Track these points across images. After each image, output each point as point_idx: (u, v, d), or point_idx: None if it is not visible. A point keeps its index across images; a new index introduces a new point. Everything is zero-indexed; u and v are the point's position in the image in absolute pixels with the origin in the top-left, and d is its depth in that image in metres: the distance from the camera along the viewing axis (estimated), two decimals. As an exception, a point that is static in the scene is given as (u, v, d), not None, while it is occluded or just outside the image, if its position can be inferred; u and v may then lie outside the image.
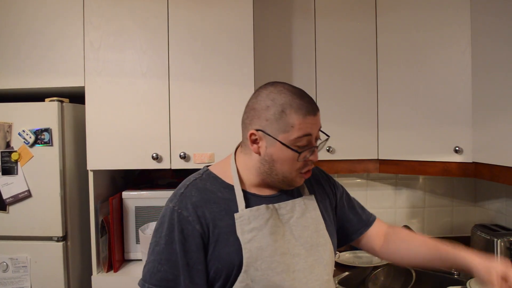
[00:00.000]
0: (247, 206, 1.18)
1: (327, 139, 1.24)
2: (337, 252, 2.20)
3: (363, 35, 2.17)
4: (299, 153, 1.14)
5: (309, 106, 1.15)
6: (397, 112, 2.12)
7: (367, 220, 1.42)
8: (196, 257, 1.13)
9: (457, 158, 1.93)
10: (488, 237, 2.01)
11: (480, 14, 1.81)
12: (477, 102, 1.86)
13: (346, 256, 2.25)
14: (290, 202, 1.24)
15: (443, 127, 1.98)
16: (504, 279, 1.14)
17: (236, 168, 1.24)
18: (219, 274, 1.13)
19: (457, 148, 1.92)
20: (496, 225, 2.15)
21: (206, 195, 1.18)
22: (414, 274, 2.03)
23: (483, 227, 2.13)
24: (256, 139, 1.17)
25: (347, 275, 2.08)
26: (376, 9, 2.17)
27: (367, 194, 2.49)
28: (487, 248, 2.00)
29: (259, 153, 1.18)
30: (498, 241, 1.95)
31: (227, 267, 1.13)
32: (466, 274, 1.87)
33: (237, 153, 1.27)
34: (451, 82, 1.95)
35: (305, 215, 1.24)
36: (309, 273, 1.18)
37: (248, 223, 1.15)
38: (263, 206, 1.18)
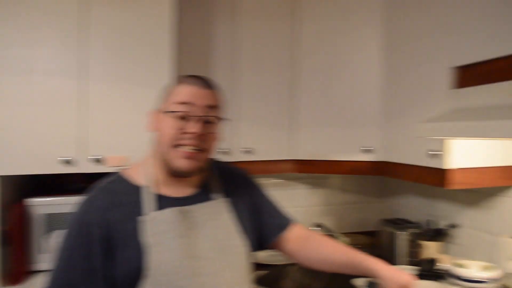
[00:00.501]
0: (156, 208, 1.15)
1: (226, 121, 1.22)
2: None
3: (282, 38, 2.23)
4: (174, 116, 1.12)
5: (197, 80, 1.16)
6: (313, 114, 2.20)
7: (284, 223, 1.43)
8: (98, 263, 1.08)
9: (367, 157, 2.05)
10: (392, 230, 2.16)
11: (390, 21, 1.94)
12: (385, 104, 1.99)
13: (263, 255, 2.29)
14: (202, 205, 1.22)
15: (354, 128, 2.09)
16: None
17: (148, 169, 1.20)
18: (123, 279, 1.09)
19: (366, 148, 2.04)
20: (400, 219, 2.31)
21: (113, 198, 1.14)
22: (327, 268, 2.12)
23: (388, 221, 2.28)
24: (154, 120, 1.18)
25: (265, 274, 2.12)
26: (295, 11, 2.24)
27: (282, 194, 2.54)
28: (392, 241, 2.15)
29: (153, 130, 1.18)
30: (400, 234, 2.11)
31: (131, 272, 1.09)
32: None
33: (150, 153, 1.24)
34: (363, 86, 2.07)
35: (218, 218, 1.22)
36: (219, 277, 1.16)
37: (155, 227, 1.12)
38: (171, 209, 1.16)
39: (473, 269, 1.34)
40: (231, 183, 1.34)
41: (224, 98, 1.23)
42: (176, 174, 1.18)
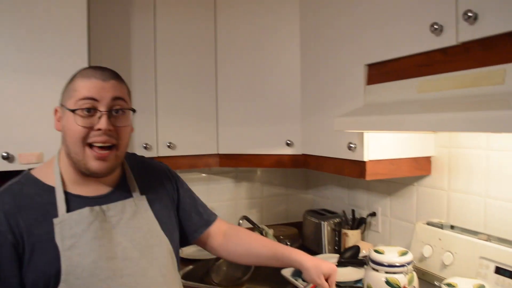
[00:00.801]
0: (69, 209, 1.08)
1: (133, 113, 1.16)
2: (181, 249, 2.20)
3: (203, 31, 2.20)
4: (80, 114, 1.06)
5: (98, 72, 1.10)
6: (235, 108, 2.20)
7: (208, 219, 1.42)
8: (9, 269, 1.01)
9: (289, 151, 2.09)
10: (317, 221, 2.22)
11: (308, 17, 1.98)
12: (304, 100, 2.03)
13: (190, 250, 2.27)
14: (119, 203, 1.16)
15: (276, 122, 2.11)
16: (327, 278, 1.33)
17: (58, 168, 1.13)
18: (36, 286, 1.03)
19: (288, 142, 2.07)
20: (323, 209, 2.39)
21: (21, 201, 1.06)
22: (254, 261, 2.14)
23: (313, 212, 2.35)
24: (60, 117, 1.12)
25: (191, 269, 2.10)
26: (215, 6, 2.21)
27: (208, 188, 2.54)
28: (316, 231, 2.21)
29: (60, 130, 1.12)
30: (325, 224, 2.18)
31: (44, 278, 1.03)
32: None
33: (61, 151, 1.16)
34: (283, 80, 2.09)
35: (137, 216, 1.18)
36: (141, 276, 1.12)
37: (69, 228, 1.06)
38: (86, 209, 1.10)
39: (390, 254, 1.41)
40: (150, 179, 1.30)
41: (129, 87, 1.18)
42: (88, 175, 1.12)
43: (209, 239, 1.43)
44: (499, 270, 1.36)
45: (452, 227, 1.61)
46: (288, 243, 2.20)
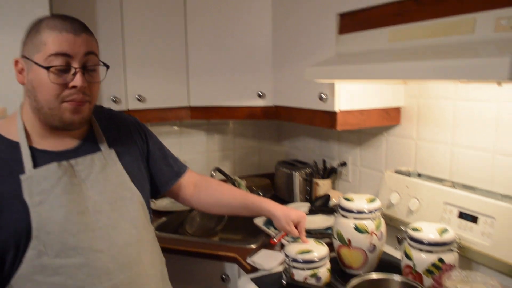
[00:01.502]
0: (35, 165, 1.06)
1: (107, 69, 1.14)
2: (153, 201, 2.21)
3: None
4: (54, 71, 1.02)
5: (68, 24, 1.05)
6: (206, 60, 2.15)
7: (178, 170, 1.43)
8: None
9: (261, 102, 2.08)
10: (288, 171, 2.25)
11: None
12: (276, 50, 2.00)
13: (164, 203, 2.28)
14: (88, 157, 1.15)
15: (248, 74, 2.09)
16: (296, 225, 1.41)
17: (22, 122, 1.10)
18: (6, 244, 1.02)
19: (260, 93, 2.06)
20: (295, 160, 2.42)
21: None
22: (227, 212, 2.18)
23: (285, 163, 2.38)
24: (22, 69, 1.07)
25: (165, 221, 2.12)
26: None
27: (181, 141, 2.52)
28: (288, 181, 2.25)
29: (23, 83, 1.08)
30: (296, 174, 2.21)
31: (15, 236, 1.02)
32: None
33: (23, 106, 1.13)
34: (254, 31, 2.05)
35: (106, 170, 1.17)
36: (112, 229, 1.12)
37: (37, 184, 1.04)
38: (54, 164, 1.08)
39: (359, 202, 1.45)
40: (118, 131, 1.28)
41: (97, 40, 1.13)
42: (61, 128, 1.10)
43: (181, 190, 1.44)
44: (462, 215, 1.42)
45: (419, 175, 1.66)
46: (261, 194, 2.24)
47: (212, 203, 1.47)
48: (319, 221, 1.80)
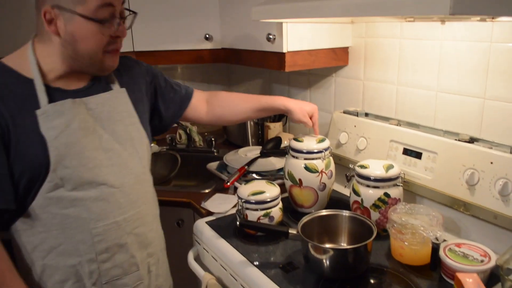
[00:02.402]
0: (50, 101, 1.06)
1: (134, 16, 1.16)
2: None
3: None
4: (102, 23, 1.04)
5: None
6: (149, 3, 2.04)
7: (186, 93, 1.46)
8: (1, 159, 1.01)
9: (208, 45, 2.02)
10: (240, 116, 2.24)
11: None
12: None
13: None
14: (100, 96, 1.16)
15: (194, 16, 2.00)
16: (311, 116, 1.47)
17: (35, 59, 1.08)
18: (24, 175, 1.04)
19: (207, 36, 1.99)
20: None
21: (1, 91, 1.03)
22: (179, 157, 2.17)
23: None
24: (52, 19, 1.03)
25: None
26: None
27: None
28: (240, 125, 2.24)
29: (58, 35, 1.05)
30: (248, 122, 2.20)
31: (33, 168, 1.04)
32: (224, 151, 2.08)
33: (35, 43, 1.10)
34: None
35: (117, 109, 1.19)
36: (124, 167, 1.17)
37: (53, 119, 1.05)
38: (68, 101, 1.08)
39: (309, 142, 1.47)
40: (125, 72, 1.29)
41: None
42: (93, 73, 1.15)
43: (195, 111, 1.49)
44: (406, 151, 1.47)
45: (366, 114, 1.70)
46: (213, 139, 2.22)
47: (228, 114, 1.51)
48: (271, 163, 1.82)
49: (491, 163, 1.23)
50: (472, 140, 1.33)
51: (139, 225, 1.23)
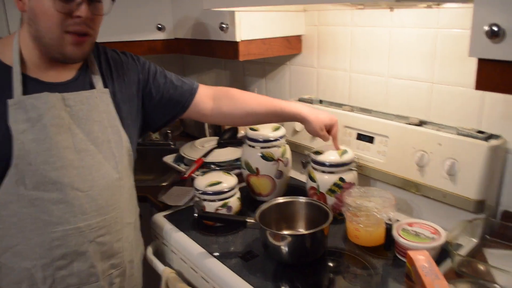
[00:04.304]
0: (25, 92, 1.01)
1: (112, 2, 1.12)
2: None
3: None
4: None
5: None
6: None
7: (190, 89, 1.35)
8: None
9: (161, 36, 1.98)
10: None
11: None
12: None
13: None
14: (80, 94, 1.10)
15: (145, 6, 1.96)
16: (329, 129, 1.34)
17: (19, 47, 1.03)
18: None
19: (159, 26, 1.95)
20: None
21: None
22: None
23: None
24: None
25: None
26: None
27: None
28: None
29: (24, 10, 1.01)
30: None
31: None
32: (181, 143, 2.05)
33: (21, 31, 1.06)
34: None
35: (97, 109, 1.12)
36: (95, 171, 1.10)
37: (25, 112, 1.00)
38: (45, 94, 1.02)
39: (265, 131, 1.48)
40: (116, 71, 1.22)
41: None
42: (61, 61, 1.06)
43: (199, 108, 1.37)
44: (360, 136, 1.51)
45: (320, 101, 1.72)
46: (169, 131, 2.19)
47: (237, 114, 1.38)
48: (228, 153, 1.82)
49: (439, 144, 1.27)
50: (421, 123, 1.37)
51: (105, 234, 1.15)
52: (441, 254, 1.15)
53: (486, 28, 0.79)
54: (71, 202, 1.07)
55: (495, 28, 0.78)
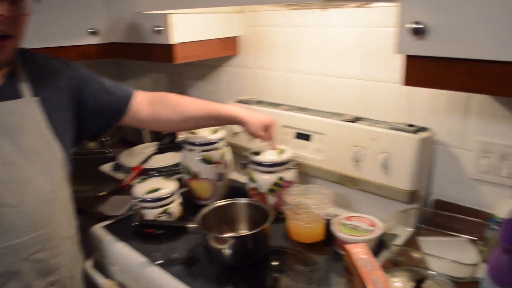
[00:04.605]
0: None
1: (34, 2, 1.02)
2: None
3: None
4: None
5: None
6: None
7: (126, 94, 1.29)
8: None
9: (94, 40, 1.91)
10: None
11: None
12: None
13: None
14: (7, 103, 1.02)
15: (76, 9, 1.89)
16: (267, 129, 1.35)
17: None
18: None
19: (92, 30, 1.89)
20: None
21: None
22: (71, 162, 2.04)
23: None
24: None
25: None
26: None
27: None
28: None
29: None
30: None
31: None
32: (119, 150, 1.99)
33: None
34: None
35: (26, 119, 1.04)
36: (25, 185, 1.03)
37: None
38: None
39: (203, 134, 1.47)
40: (46, 78, 1.14)
41: None
42: None
43: (136, 114, 1.31)
44: (298, 135, 1.53)
45: (258, 102, 1.73)
46: (106, 139, 2.13)
47: (175, 120, 1.34)
48: (168, 158, 1.79)
49: (373, 139, 1.31)
50: (355, 120, 1.41)
51: (40, 250, 1.08)
52: (379, 245, 1.18)
53: (411, 26, 0.83)
54: (0, 219, 1.01)
55: (419, 26, 0.82)
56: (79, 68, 1.27)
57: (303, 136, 1.51)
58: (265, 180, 1.36)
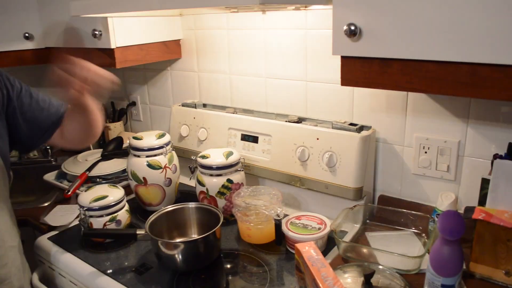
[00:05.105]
0: None
1: None
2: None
3: None
4: None
5: None
6: None
7: (56, 112, 1.23)
8: None
9: (30, 45, 1.84)
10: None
11: None
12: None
13: None
14: None
15: (9, 13, 1.80)
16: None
17: None
18: None
19: (27, 34, 1.81)
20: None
21: None
22: (11, 173, 1.94)
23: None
24: None
25: None
26: None
27: None
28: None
29: None
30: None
31: None
32: (63, 158, 1.93)
33: None
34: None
35: None
36: None
37: None
38: None
39: (149, 139, 1.44)
40: None
41: None
42: None
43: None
44: (244, 137, 1.54)
45: (204, 105, 1.72)
46: (49, 147, 2.04)
47: (73, 133, 1.28)
48: (114, 165, 1.75)
49: (317, 139, 1.35)
50: (300, 120, 1.44)
51: None
52: (329, 243, 1.22)
53: (345, 27, 0.86)
54: None
55: (352, 28, 0.85)
56: (11, 79, 1.21)
57: (250, 138, 1.52)
58: (213, 183, 1.37)
